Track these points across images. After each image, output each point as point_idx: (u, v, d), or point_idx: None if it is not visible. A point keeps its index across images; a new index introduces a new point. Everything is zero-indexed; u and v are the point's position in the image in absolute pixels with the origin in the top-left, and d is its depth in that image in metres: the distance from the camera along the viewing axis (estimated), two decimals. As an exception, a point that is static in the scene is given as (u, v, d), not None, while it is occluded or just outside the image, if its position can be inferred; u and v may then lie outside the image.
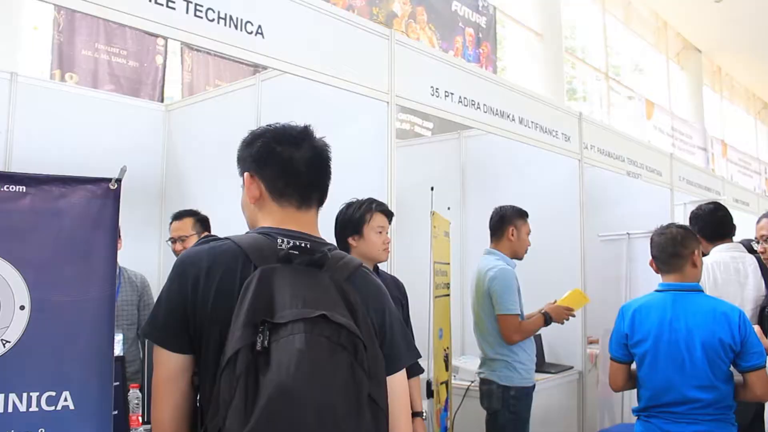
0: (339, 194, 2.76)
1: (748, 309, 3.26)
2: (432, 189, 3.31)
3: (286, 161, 1.50)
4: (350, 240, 2.73)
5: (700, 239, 3.61)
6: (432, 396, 3.23)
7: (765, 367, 2.55)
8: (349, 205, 2.78)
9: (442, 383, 3.35)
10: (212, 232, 3.57)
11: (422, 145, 6.23)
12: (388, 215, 2.81)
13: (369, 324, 1.40)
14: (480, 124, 3.88)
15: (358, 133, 3.42)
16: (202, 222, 3.60)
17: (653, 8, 13.59)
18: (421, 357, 2.22)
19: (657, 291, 2.73)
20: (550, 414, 4.33)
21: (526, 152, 4.53)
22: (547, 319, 3.61)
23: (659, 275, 2.79)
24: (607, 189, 5.45)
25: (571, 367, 4.60)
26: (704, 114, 14.94)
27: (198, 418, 1.38)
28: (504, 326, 3.46)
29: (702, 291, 2.71)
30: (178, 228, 3.55)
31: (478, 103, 3.84)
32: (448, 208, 3.91)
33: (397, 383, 1.51)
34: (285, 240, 1.44)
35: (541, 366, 4.54)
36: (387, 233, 2.78)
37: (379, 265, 2.88)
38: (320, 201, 1.58)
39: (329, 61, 2.97)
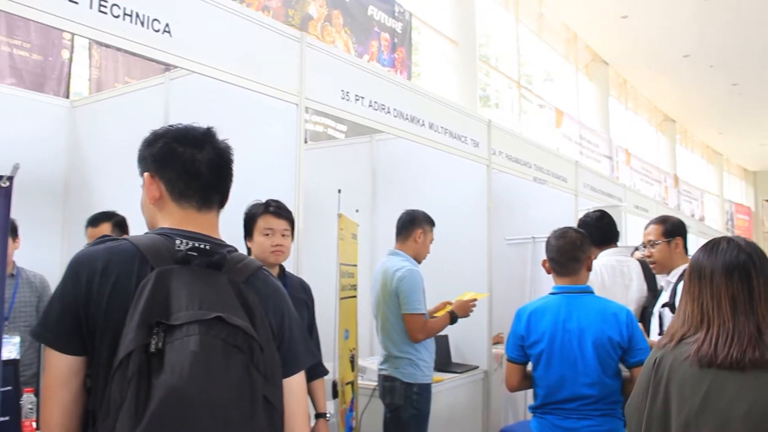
0: (248, 196, 2.77)
1: (632, 309, 3.46)
2: (339, 191, 3.34)
3: (188, 162, 1.49)
4: (247, 242, 2.74)
5: None
6: (337, 396, 3.26)
7: None
8: (250, 207, 2.78)
9: (347, 383, 3.38)
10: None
11: (335, 147, 6.25)
12: (283, 217, 2.76)
13: (267, 326, 1.42)
14: (390, 128, 3.93)
15: (267, 134, 3.41)
16: (120, 225, 3.47)
17: (564, 21, 14.06)
18: (320, 359, 2.24)
19: (551, 294, 2.84)
20: (455, 412, 4.43)
21: (437, 157, 4.62)
22: (453, 317, 3.73)
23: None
24: (515, 194, 5.62)
25: (477, 367, 4.72)
26: (610, 124, 15.56)
27: (89, 422, 1.36)
28: (410, 325, 3.55)
29: (592, 292, 2.83)
30: (94, 235, 3.43)
31: (389, 108, 3.90)
32: (357, 211, 3.94)
33: (296, 385, 1.53)
34: (184, 241, 1.44)
35: (448, 366, 4.65)
36: (282, 235, 2.73)
37: (285, 266, 2.88)
38: (221, 203, 1.58)
39: (239, 62, 2.96)
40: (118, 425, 1.20)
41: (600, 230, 3.81)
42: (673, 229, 3.19)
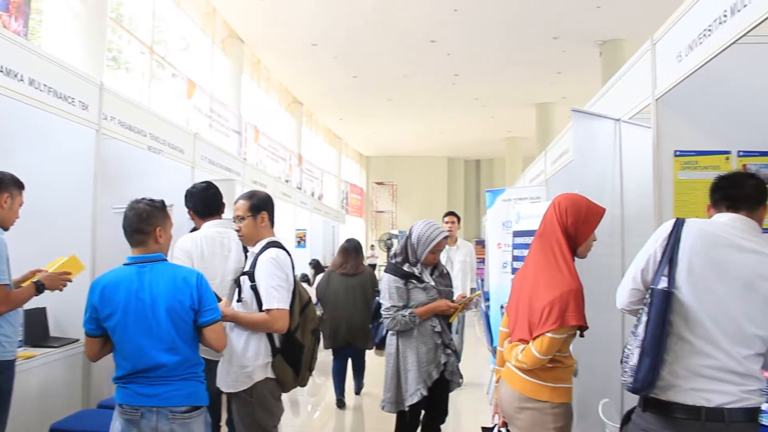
0: None
1: (230, 279, 3.65)
2: None
3: None
4: None
5: (188, 214, 3.88)
6: None
7: (220, 321, 2.88)
8: None
9: None
10: None
11: None
12: None
13: None
14: (-22, 80, 3.55)
15: None
16: None
17: (204, -8, 13.99)
18: None
19: (125, 264, 2.83)
20: (51, 388, 4.22)
21: (41, 117, 4.29)
22: (38, 287, 3.50)
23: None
24: (130, 162, 5.49)
25: (78, 340, 4.54)
26: (241, 100, 15.93)
27: None
28: None
29: (165, 260, 2.89)
30: None
31: (-22, 58, 3.52)
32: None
33: None
34: None
35: (45, 340, 4.42)
36: None
37: None
38: None
39: None
40: None
41: (204, 201, 3.91)
42: (259, 204, 3.41)
